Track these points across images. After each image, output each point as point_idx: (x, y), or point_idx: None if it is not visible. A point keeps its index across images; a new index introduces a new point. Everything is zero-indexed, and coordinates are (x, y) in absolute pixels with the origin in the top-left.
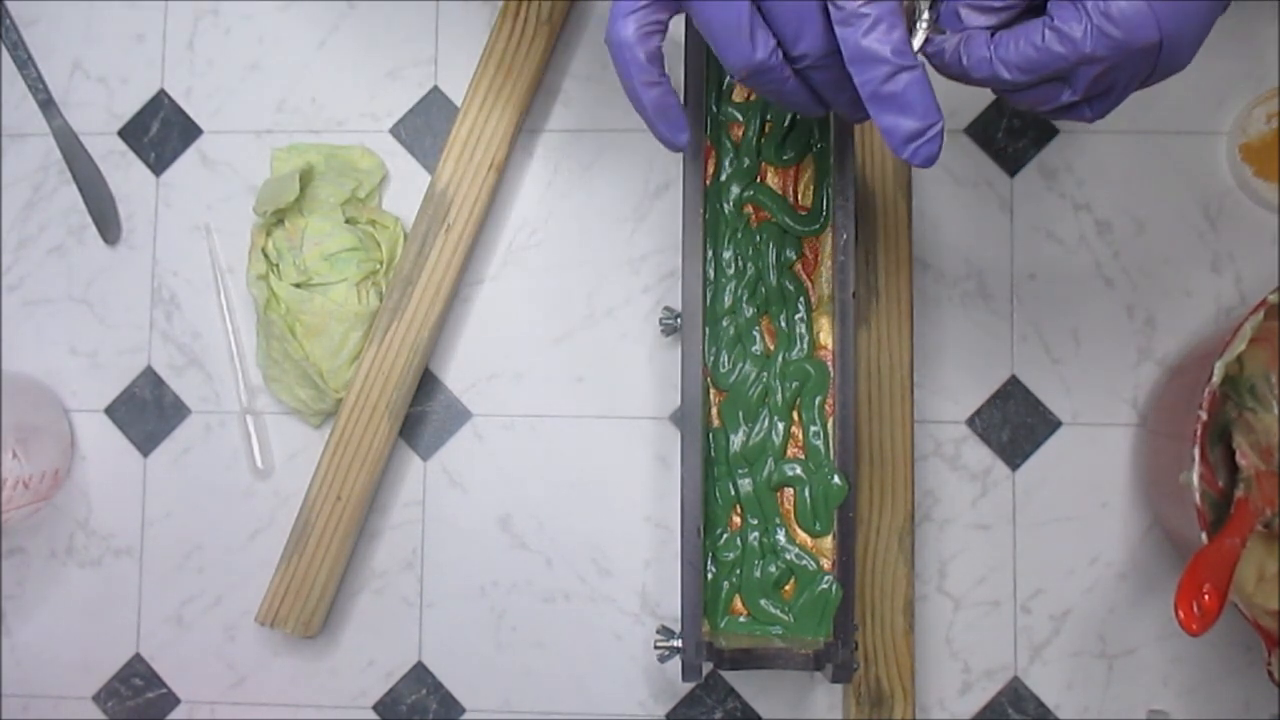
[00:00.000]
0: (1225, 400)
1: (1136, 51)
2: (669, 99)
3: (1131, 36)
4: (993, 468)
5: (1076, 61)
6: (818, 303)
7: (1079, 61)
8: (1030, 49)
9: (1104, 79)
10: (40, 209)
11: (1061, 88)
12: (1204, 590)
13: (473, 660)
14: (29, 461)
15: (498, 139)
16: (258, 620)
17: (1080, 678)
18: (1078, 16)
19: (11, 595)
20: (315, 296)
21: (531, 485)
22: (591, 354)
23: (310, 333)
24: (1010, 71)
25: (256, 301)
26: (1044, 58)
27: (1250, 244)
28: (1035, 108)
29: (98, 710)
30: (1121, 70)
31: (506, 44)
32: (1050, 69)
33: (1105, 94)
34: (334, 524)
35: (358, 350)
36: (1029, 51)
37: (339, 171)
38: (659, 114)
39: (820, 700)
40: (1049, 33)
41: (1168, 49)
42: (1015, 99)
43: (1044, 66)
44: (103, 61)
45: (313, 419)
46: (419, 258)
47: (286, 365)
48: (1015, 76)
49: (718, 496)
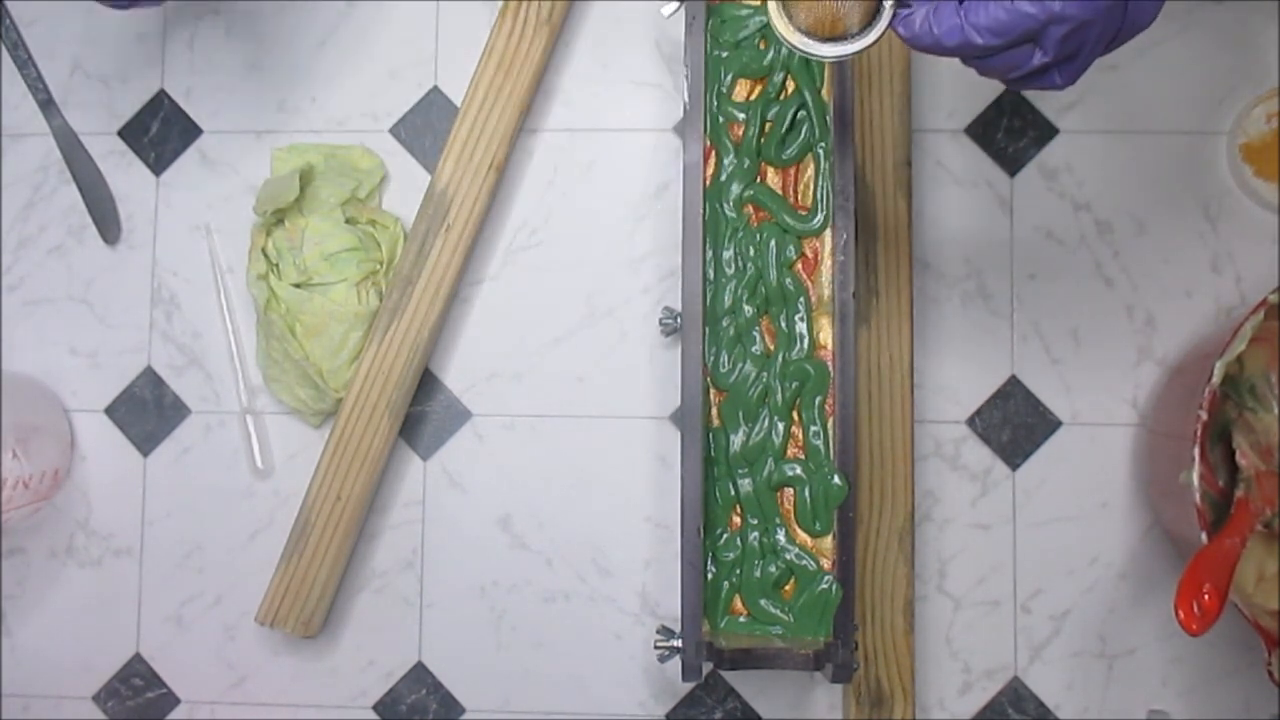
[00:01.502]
0: (1225, 400)
1: (1104, 7)
2: None
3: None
4: (993, 468)
5: (1046, 20)
6: (818, 303)
7: (1048, 20)
8: (1000, 11)
9: (1073, 39)
10: (40, 209)
11: (1031, 51)
12: (1204, 590)
13: (473, 660)
14: (29, 461)
15: (498, 139)
16: (258, 620)
17: (1080, 678)
18: None
19: (11, 595)
20: (315, 296)
21: (531, 485)
22: (591, 354)
23: (310, 333)
24: (982, 35)
25: (256, 301)
26: (1014, 19)
27: (1250, 244)
28: (1006, 75)
29: (98, 710)
30: (1091, 27)
31: (506, 44)
32: (1021, 30)
33: (1074, 56)
34: (334, 524)
35: (358, 350)
36: (999, 14)
37: (339, 171)
38: None
39: (820, 700)
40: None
41: (1134, 3)
42: (985, 67)
43: (1014, 28)
44: (103, 61)
45: (313, 419)
46: (419, 258)
47: (287, 365)
48: (987, 40)
49: (718, 496)
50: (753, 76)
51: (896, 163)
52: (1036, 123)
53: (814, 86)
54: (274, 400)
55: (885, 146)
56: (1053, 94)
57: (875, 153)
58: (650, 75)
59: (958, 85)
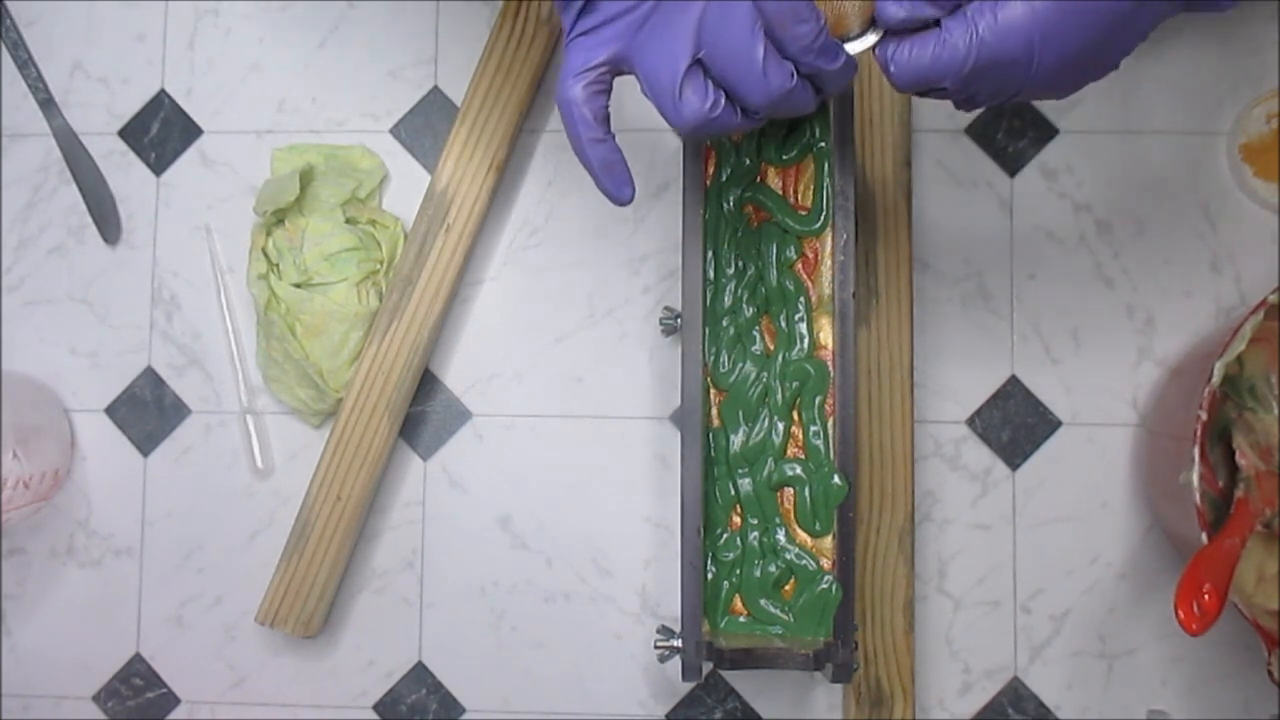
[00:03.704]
0: (1225, 400)
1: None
2: (614, 155)
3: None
4: (993, 468)
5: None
6: (818, 303)
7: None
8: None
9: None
10: (40, 209)
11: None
12: (1204, 590)
13: (473, 660)
14: (29, 461)
15: (498, 139)
16: (257, 620)
17: (1080, 678)
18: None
19: (11, 595)
20: (315, 296)
21: (532, 485)
22: (591, 354)
23: (310, 333)
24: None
25: (256, 301)
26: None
27: (1250, 244)
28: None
29: (98, 710)
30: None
31: (506, 44)
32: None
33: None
34: (334, 524)
35: (358, 350)
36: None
37: (339, 171)
38: (604, 170)
39: (820, 700)
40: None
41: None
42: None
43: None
44: (103, 61)
45: (313, 419)
46: (419, 258)
47: (287, 365)
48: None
49: (718, 496)
50: None
51: (896, 163)
52: (1036, 123)
53: None
54: (274, 400)
55: (885, 146)
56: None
57: (875, 153)
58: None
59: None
